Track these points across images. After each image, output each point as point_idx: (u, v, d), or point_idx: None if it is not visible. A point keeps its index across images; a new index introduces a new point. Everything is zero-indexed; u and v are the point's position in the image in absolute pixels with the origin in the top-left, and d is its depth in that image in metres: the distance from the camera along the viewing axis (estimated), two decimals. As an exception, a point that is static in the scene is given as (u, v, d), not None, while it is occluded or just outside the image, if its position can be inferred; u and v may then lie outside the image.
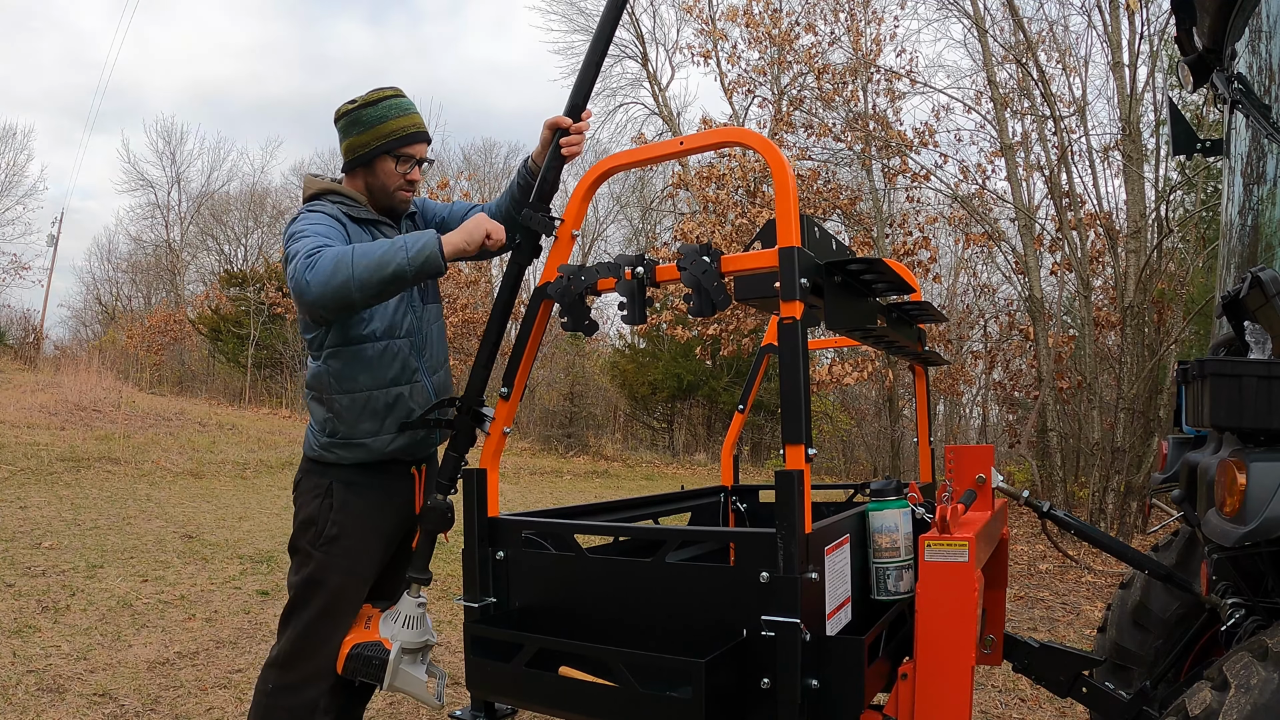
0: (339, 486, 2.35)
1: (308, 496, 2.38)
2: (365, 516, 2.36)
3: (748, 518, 3.21)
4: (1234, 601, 2.16)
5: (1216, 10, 2.31)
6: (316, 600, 2.31)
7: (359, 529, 2.34)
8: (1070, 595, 6.53)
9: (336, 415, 2.34)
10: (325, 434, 2.37)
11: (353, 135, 2.36)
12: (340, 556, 2.32)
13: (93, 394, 13.95)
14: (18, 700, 3.45)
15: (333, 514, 2.33)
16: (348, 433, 2.34)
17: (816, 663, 1.60)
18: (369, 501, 2.37)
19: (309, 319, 2.29)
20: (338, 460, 2.36)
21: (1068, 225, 10.22)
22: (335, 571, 2.32)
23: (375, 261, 2.02)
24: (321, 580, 2.32)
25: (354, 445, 2.34)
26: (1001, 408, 14.86)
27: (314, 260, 2.05)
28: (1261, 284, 1.77)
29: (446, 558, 6.27)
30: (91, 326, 31.47)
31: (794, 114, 13.28)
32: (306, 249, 2.11)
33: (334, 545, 2.32)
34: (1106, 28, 10.34)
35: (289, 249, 2.19)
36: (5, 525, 6.61)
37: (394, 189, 2.41)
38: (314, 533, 2.33)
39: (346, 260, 2.02)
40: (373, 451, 2.34)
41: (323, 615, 2.32)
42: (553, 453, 19.14)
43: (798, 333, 1.60)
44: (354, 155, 2.37)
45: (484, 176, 30.56)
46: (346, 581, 2.34)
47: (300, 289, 2.06)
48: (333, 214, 2.31)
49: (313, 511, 2.34)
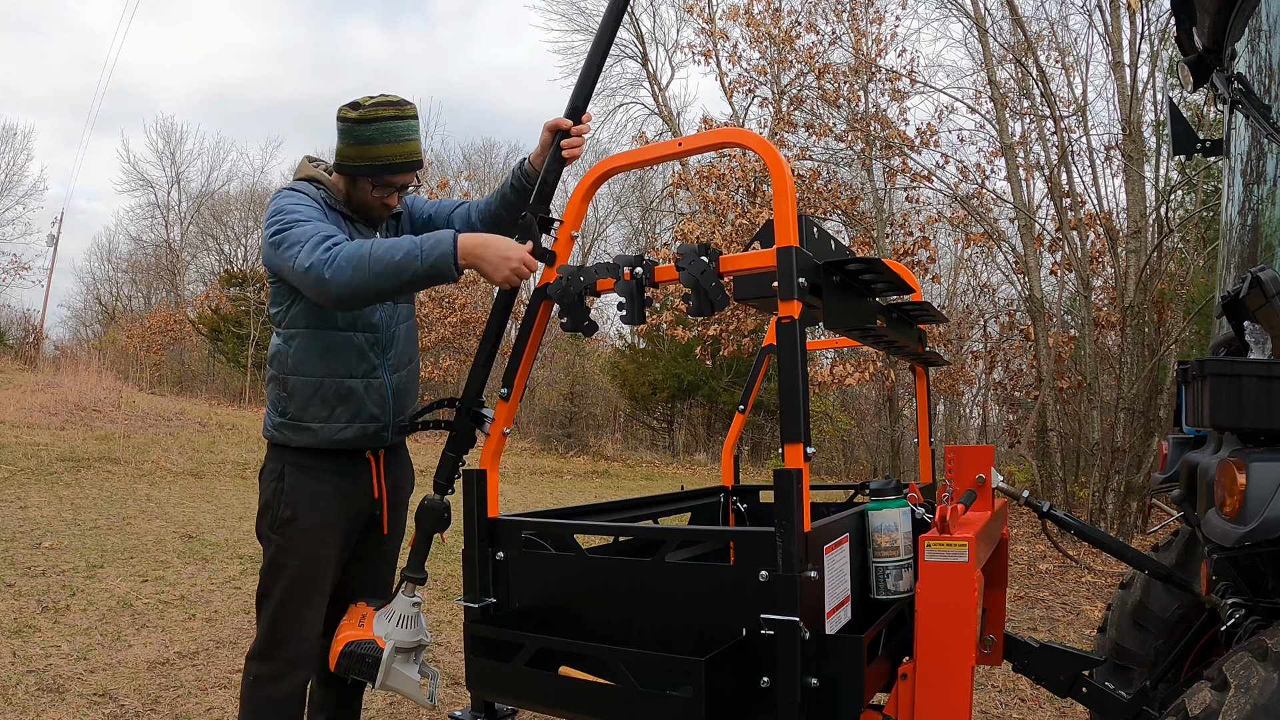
0: (291, 469, 2.35)
1: (265, 481, 2.40)
2: (319, 498, 2.35)
3: (748, 518, 3.21)
4: (1234, 601, 2.16)
5: (1216, 10, 2.31)
6: (279, 585, 2.33)
7: (313, 510, 2.34)
8: (1070, 595, 6.53)
9: (289, 395, 2.35)
10: (278, 413, 2.38)
11: (343, 144, 2.35)
12: (296, 538, 2.32)
13: (93, 394, 13.96)
14: (18, 700, 3.45)
15: (285, 496, 2.33)
16: (297, 414, 2.35)
17: (816, 661, 1.60)
18: (323, 484, 2.36)
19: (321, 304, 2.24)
20: (287, 442, 2.37)
21: (1068, 225, 10.22)
22: (293, 554, 2.32)
23: (395, 266, 2.03)
24: (282, 564, 2.33)
25: (301, 428, 2.35)
26: (1001, 408, 14.87)
27: (333, 257, 2.05)
28: (1261, 284, 1.77)
29: (446, 558, 6.28)
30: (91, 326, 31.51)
31: (794, 114, 13.29)
32: (312, 236, 2.11)
33: (289, 528, 2.33)
34: (1107, 27, 10.35)
35: (282, 229, 2.18)
36: (5, 525, 6.61)
37: (372, 207, 2.41)
38: (271, 517, 2.35)
39: (365, 263, 2.04)
40: (319, 437, 2.35)
41: (289, 600, 2.33)
42: (553, 453, 19.14)
43: (796, 332, 1.60)
44: (340, 163, 2.37)
45: (484, 176, 30.55)
46: (306, 564, 2.33)
47: (319, 285, 2.07)
48: (316, 198, 2.32)
49: (269, 495, 2.36)
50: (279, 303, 2.37)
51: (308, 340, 2.34)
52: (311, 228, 2.15)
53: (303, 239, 2.12)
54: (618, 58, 21.07)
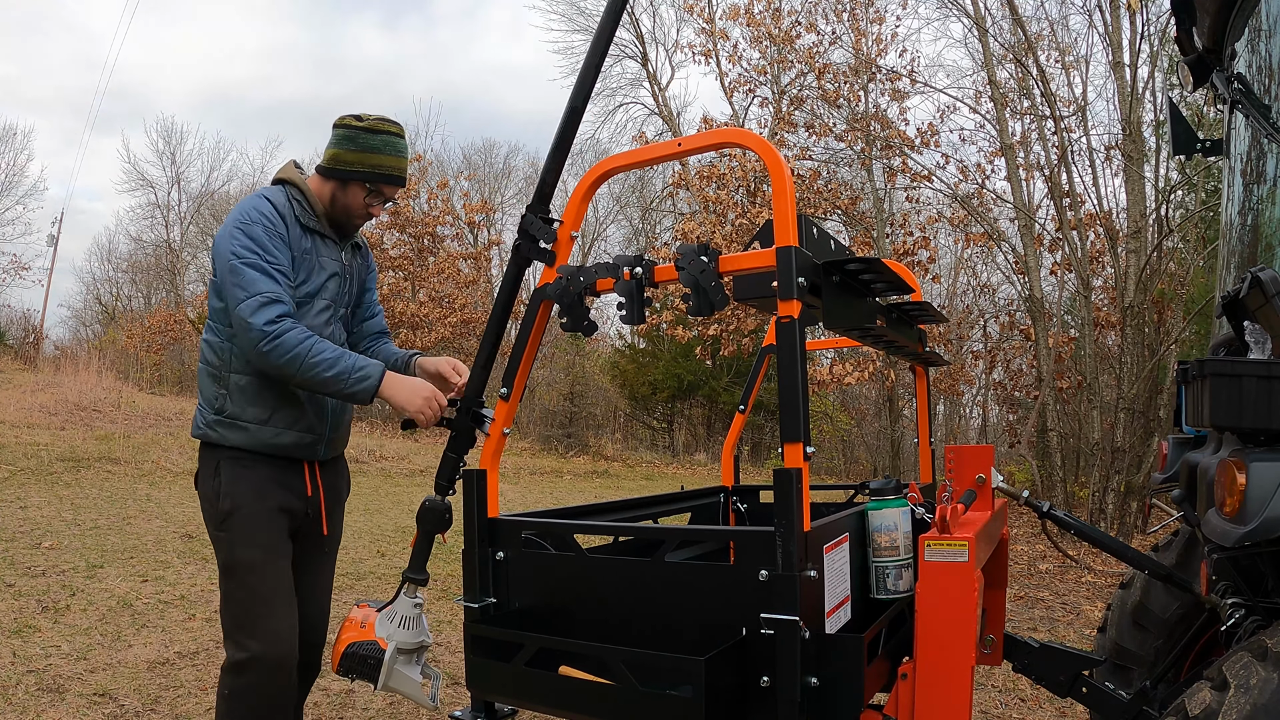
0: (226, 463, 2.34)
1: (202, 483, 2.38)
2: (257, 489, 2.33)
3: (748, 518, 3.21)
4: (1234, 601, 2.16)
5: (1216, 10, 2.31)
6: (241, 582, 2.29)
7: (255, 498, 2.32)
8: (1070, 595, 6.53)
9: (229, 393, 2.34)
10: (213, 410, 2.35)
11: (343, 149, 2.39)
12: (245, 527, 2.30)
13: (93, 394, 13.96)
14: (18, 700, 3.45)
15: (223, 488, 2.31)
16: (235, 413, 2.33)
17: (816, 661, 1.60)
18: (259, 475, 2.35)
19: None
20: (220, 440, 2.34)
21: (1068, 225, 10.22)
22: (247, 545, 2.29)
23: (321, 381, 2.21)
24: (234, 561, 2.30)
25: (237, 427, 2.33)
26: (1001, 408, 14.87)
27: (277, 336, 2.17)
28: (1261, 284, 1.77)
29: (446, 558, 6.28)
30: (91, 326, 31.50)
31: (795, 114, 13.29)
32: (263, 292, 2.20)
33: (231, 520, 2.30)
34: (1107, 27, 10.35)
35: (244, 260, 2.22)
36: (5, 525, 6.61)
37: (355, 214, 2.47)
38: (213, 514, 2.33)
39: (299, 362, 2.18)
40: (253, 438, 2.34)
41: (255, 596, 2.28)
42: (553, 453, 19.14)
43: (795, 332, 1.60)
44: (335, 167, 2.40)
45: (484, 176, 30.58)
46: (256, 555, 2.30)
47: (253, 346, 2.19)
48: (281, 213, 2.34)
49: (207, 491, 2.35)
50: (224, 297, 2.32)
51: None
52: (267, 283, 2.22)
53: (255, 289, 2.20)
54: (618, 58, 21.08)
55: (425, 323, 21.07)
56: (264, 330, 2.16)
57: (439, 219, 22.75)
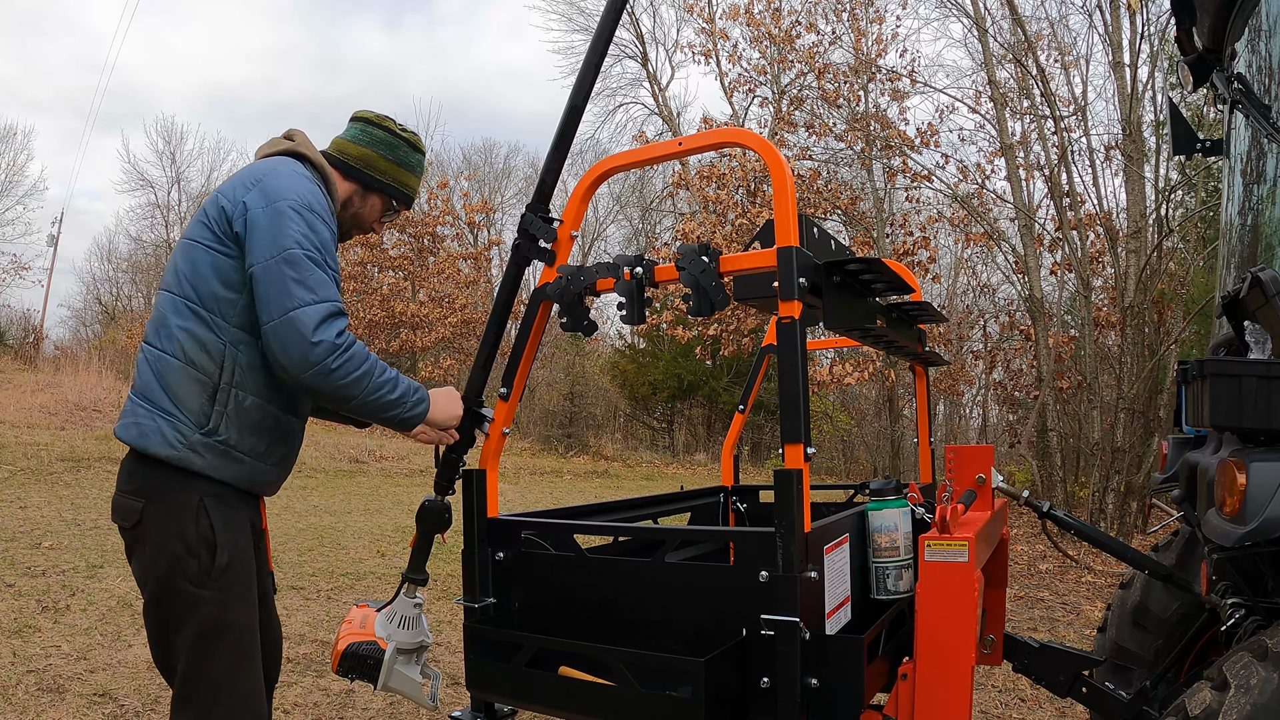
0: (212, 502, 1.89)
1: (172, 524, 1.85)
2: (243, 531, 1.97)
3: (748, 518, 3.21)
4: (1234, 601, 2.16)
5: (1216, 10, 2.31)
6: (220, 649, 1.88)
7: (244, 550, 1.95)
8: (1070, 595, 6.53)
9: (226, 412, 1.89)
10: (196, 428, 1.87)
11: (379, 154, 2.14)
12: (237, 588, 1.91)
13: (93, 394, 13.95)
14: (18, 700, 3.45)
15: (217, 536, 1.88)
16: (230, 439, 1.91)
17: (816, 661, 1.60)
18: (243, 518, 1.98)
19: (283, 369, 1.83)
20: (205, 469, 1.88)
21: (1068, 225, 10.23)
22: (236, 607, 1.90)
23: (381, 404, 1.89)
24: (224, 623, 1.88)
25: (231, 457, 1.91)
26: (1001, 408, 14.87)
27: (346, 349, 1.81)
28: (1261, 284, 1.77)
29: (446, 558, 6.27)
30: (91, 326, 31.47)
31: (795, 113, 13.29)
32: (331, 300, 1.83)
33: (227, 575, 1.89)
34: (1107, 27, 10.35)
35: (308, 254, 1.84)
36: (5, 525, 6.61)
37: (361, 226, 2.23)
38: (198, 566, 1.85)
39: (370, 376, 1.85)
40: (245, 474, 1.95)
41: (234, 662, 1.90)
42: (553, 453, 19.14)
43: (796, 332, 1.60)
44: (367, 171, 2.14)
45: (484, 176, 30.58)
46: (250, 614, 1.95)
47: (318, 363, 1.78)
48: (326, 206, 1.98)
49: (190, 539, 1.85)
50: (235, 287, 1.89)
51: (256, 353, 1.91)
52: (330, 287, 1.86)
53: (325, 293, 1.83)
54: (618, 58, 21.08)
55: (425, 323, 21.08)
56: (335, 344, 1.79)
57: (439, 219, 22.76)
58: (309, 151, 2.07)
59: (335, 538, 7.45)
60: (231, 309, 1.89)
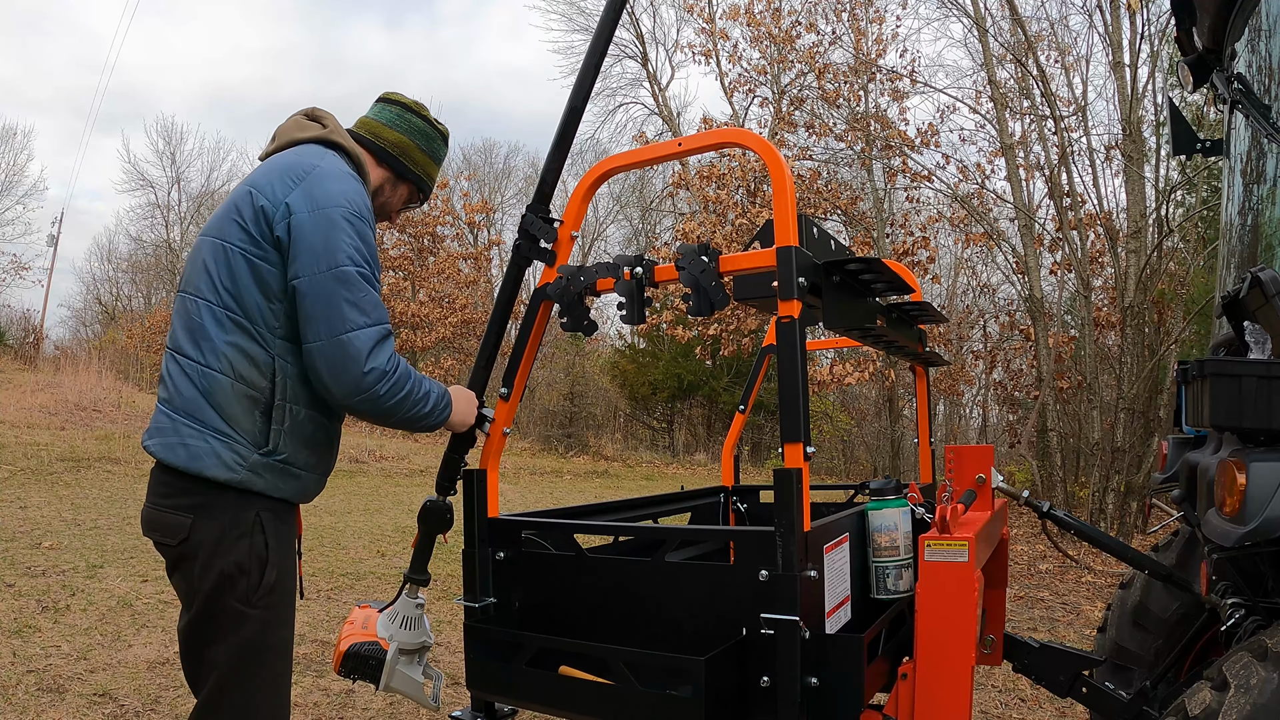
0: (268, 517, 1.84)
1: (226, 539, 1.79)
2: (291, 549, 1.93)
3: (748, 518, 3.21)
4: (1234, 601, 2.16)
5: (1216, 10, 2.31)
6: (259, 671, 1.83)
7: (291, 567, 1.91)
8: (1070, 595, 6.53)
9: (284, 429, 1.83)
10: (254, 448, 1.80)
11: (417, 143, 2.07)
12: (281, 607, 1.87)
13: (93, 394, 13.96)
14: (18, 700, 3.45)
15: (270, 554, 1.83)
16: (290, 456, 1.85)
17: (816, 661, 1.60)
18: (292, 528, 1.94)
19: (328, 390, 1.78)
20: (266, 489, 1.82)
21: (1068, 225, 10.23)
22: (279, 628, 1.87)
23: (418, 417, 1.86)
24: (266, 644, 1.84)
25: (290, 474, 1.86)
26: (1001, 408, 14.87)
27: (394, 371, 1.79)
28: (1261, 284, 1.77)
29: (447, 558, 6.27)
30: (91, 326, 31.49)
31: (795, 113, 13.29)
32: (381, 323, 1.79)
33: (275, 594, 1.84)
34: (1107, 27, 10.36)
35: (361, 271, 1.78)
36: (5, 525, 6.61)
37: (388, 214, 2.17)
38: (247, 584, 1.80)
39: (412, 396, 1.83)
40: (300, 488, 1.91)
41: (270, 684, 1.86)
42: (553, 453, 19.15)
43: (795, 332, 1.60)
44: (403, 159, 2.06)
45: (484, 176, 30.60)
46: (288, 636, 1.91)
47: (369, 389, 1.75)
48: (370, 209, 1.90)
49: (241, 557, 1.79)
50: (276, 296, 1.79)
51: (302, 364, 1.83)
52: (382, 309, 1.81)
53: (377, 316, 1.78)
54: (618, 58, 21.09)
55: (425, 323, 21.09)
56: (386, 370, 1.76)
57: (439, 219, 22.77)
58: (344, 140, 1.97)
59: (335, 538, 7.45)
60: (276, 320, 1.80)
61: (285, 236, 1.77)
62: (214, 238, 1.85)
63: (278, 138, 2.00)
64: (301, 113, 2.05)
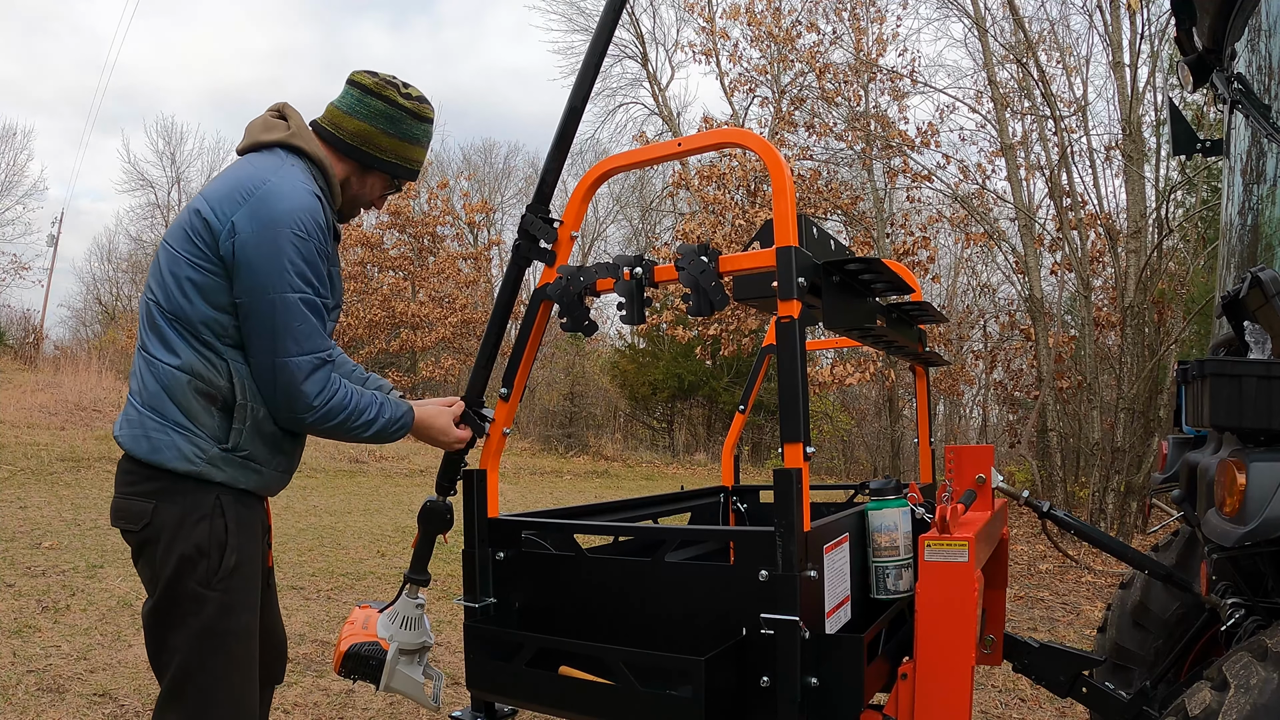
0: (229, 500, 1.86)
1: (186, 523, 1.82)
2: (254, 534, 1.95)
3: (748, 518, 3.21)
4: (1234, 601, 2.16)
5: (1216, 10, 2.31)
6: (219, 655, 1.84)
7: (253, 553, 1.93)
8: (1070, 595, 6.53)
9: (246, 430, 1.87)
10: (219, 444, 1.84)
11: (379, 129, 1.98)
12: (240, 591, 1.87)
13: (93, 394, 13.96)
14: (18, 700, 3.45)
15: (230, 537, 1.85)
16: (251, 452, 1.89)
17: (816, 661, 1.60)
18: (256, 519, 1.96)
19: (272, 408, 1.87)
20: (226, 481, 1.86)
21: (1068, 225, 10.23)
22: (238, 612, 1.87)
23: (357, 439, 1.94)
24: (223, 628, 1.84)
25: (250, 468, 1.89)
26: (1002, 408, 14.87)
27: (323, 402, 1.84)
28: (1261, 284, 1.77)
29: (446, 558, 6.27)
30: (91, 326, 31.47)
31: (795, 113, 13.29)
32: (316, 357, 1.82)
33: (235, 577, 1.86)
34: (1107, 27, 10.36)
35: (287, 304, 1.78)
36: (5, 525, 6.61)
37: (361, 206, 2.12)
38: (206, 567, 1.82)
39: (347, 425, 1.89)
40: (262, 481, 1.93)
41: (230, 672, 1.85)
42: (553, 453, 19.15)
43: (795, 332, 1.60)
44: (365, 148, 1.99)
45: (484, 176, 30.60)
46: (251, 621, 1.91)
47: (293, 414, 1.84)
48: (323, 223, 1.89)
49: (201, 540, 1.82)
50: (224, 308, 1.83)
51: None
52: (320, 336, 1.85)
53: (311, 345, 1.81)
54: (618, 58, 21.09)
55: (425, 323, 21.09)
56: (313, 405, 1.83)
57: (439, 219, 22.78)
58: (305, 144, 1.94)
59: (335, 538, 7.45)
60: (224, 329, 1.84)
61: (230, 256, 1.79)
62: (170, 245, 1.88)
63: (247, 135, 2.00)
64: (271, 109, 2.05)
